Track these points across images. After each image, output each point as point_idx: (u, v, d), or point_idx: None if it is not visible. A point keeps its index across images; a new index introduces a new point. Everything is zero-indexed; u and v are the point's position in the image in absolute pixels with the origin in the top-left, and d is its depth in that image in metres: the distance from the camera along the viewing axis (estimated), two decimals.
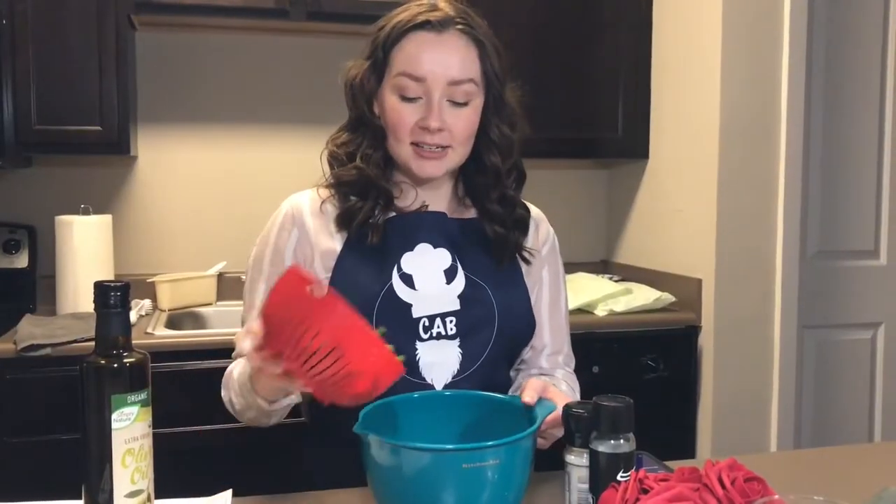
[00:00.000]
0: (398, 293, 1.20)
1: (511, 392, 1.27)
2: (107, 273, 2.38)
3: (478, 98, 1.22)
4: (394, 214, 1.24)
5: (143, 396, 0.92)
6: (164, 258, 2.70)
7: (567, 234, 2.29)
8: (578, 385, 1.36)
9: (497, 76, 1.23)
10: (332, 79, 1.31)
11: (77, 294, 2.33)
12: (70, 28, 2.29)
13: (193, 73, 2.70)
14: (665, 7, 2.68)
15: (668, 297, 2.54)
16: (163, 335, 2.19)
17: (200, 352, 2.12)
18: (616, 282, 2.72)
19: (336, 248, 1.22)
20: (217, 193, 2.74)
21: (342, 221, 1.23)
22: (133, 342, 0.93)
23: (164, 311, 2.48)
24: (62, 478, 1.23)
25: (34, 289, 2.54)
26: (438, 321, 1.20)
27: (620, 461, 0.93)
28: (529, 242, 1.31)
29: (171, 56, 2.67)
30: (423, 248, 1.23)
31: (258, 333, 0.91)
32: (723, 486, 0.86)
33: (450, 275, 1.23)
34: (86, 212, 2.40)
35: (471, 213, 1.30)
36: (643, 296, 2.53)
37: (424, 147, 1.19)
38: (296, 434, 1.38)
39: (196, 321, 2.55)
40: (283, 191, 1.34)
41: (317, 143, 1.32)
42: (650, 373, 2.45)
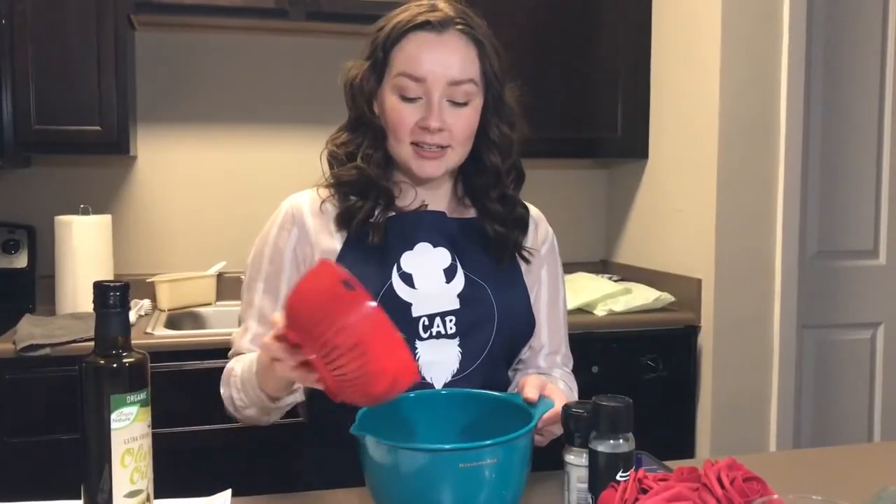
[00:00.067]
0: (398, 292, 1.20)
1: (509, 390, 1.27)
2: (106, 273, 2.38)
3: (477, 98, 1.22)
4: (393, 214, 1.24)
5: (143, 396, 0.92)
6: (164, 258, 2.70)
7: (566, 234, 2.30)
8: (576, 385, 1.36)
9: (496, 76, 1.23)
10: (332, 79, 1.31)
11: (76, 294, 2.33)
12: (69, 28, 2.29)
13: (193, 73, 2.70)
14: (664, 7, 2.68)
15: (668, 297, 2.54)
16: (162, 335, 2.19)
17: (200, 352, 2.12)
18: (615, 282, 2.72)
19: (336, 248, 1.23)
20: (216, 193, 2.74)
21: (342, 221, 1.23)
22: (132, 342, 0.93)
23: (164, 311, 2.48)
24: (62, 478, 1.23)
25: (33, 289, 2.54)
26: (438, 320, 1.20)
27: (620, 461, 0.93)
28: (529, 242, 1.31)
29: (171, 56, 2.67)
30: (423, 248, 1.23)
31: (279, 322, 0.90)
32: (722, 486, 0.86)
33: (449, 274, 1.23)
34: (85, 212, 2.39)
35: (470, 213, 1.30)
36: (642, 296, 2.53)
37: (424, 147, 1.19)
38: (295, 434, 1.39)
39: (195, 321, 2.55)
40: (283, 191, 1.34)
41: (316, 143, 1.32)
42: (649, 373, 2.45)
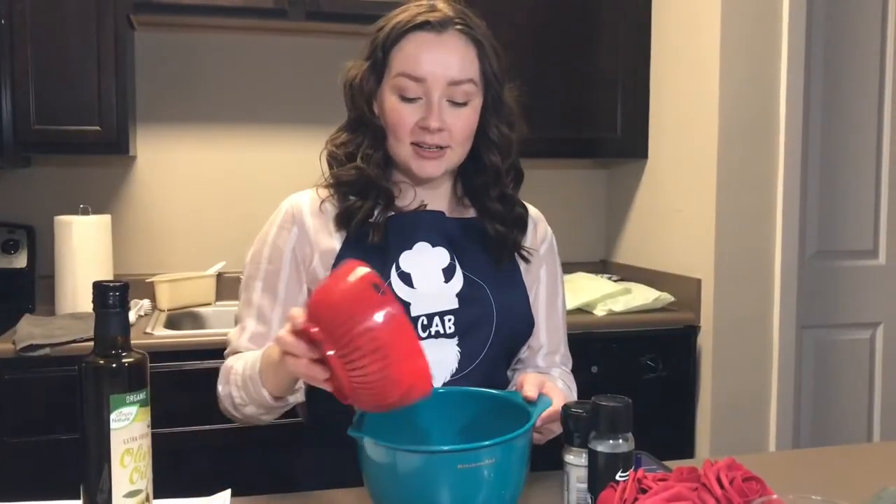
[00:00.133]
0: (396, 292, 1.20)
1: (508, 388, 1.27)
2: (106, 273, 2.38)
3: (477, 98, 1.22)
4: (392, 214, 1.24)
5: (142, 396, 0.92)
6: (164, 258, 2.70)
7: (566, 234, 2.30)
8: (575, 384, 1.36)
9: (496, 76, 1.23)
10: (332, 79, 1.31)
11: (76, 294, 2.33)
12: (69, 28, 2.29)
13: (192, 73, 2.70)
14: (664, 7, 2.68)
15: (667, 297, 2.54)
16: (162, 335, 2.19)
17: (199, 352, 2.12)
18: (615, 282, 2.72)
19: (335, 247, 1.23)
20: (216, 193, 2.74)
21: (341, 221, 1.23)
22: (132, 342, 0.93)
23: (163, 311, 2.48)
24: (61, 478, 1.23)
25: (33, 289, 2.54)
26: (437, 320, 1.20)
27: (619, 461, 0.93)
28: (528, 241, 1.32)
29: (170, 56, 2.67)
30: (422, 247, 1.23)
31: (299, 318, 0.90)
32: (721, 486, 0.86)
33: (448, 273, 1.23)
34: (85, 212, 2.39)
35: (469, 213, 1.30)
36: (642, 296, 2.53)
37: (424, 147, 1.19)
38: (294, 434, 1.39)
39: (195, 321, 2.55)
40: (283, 191, 1.34)
41: (316, 143, 1.32)
42: (649, 373, 2.45)
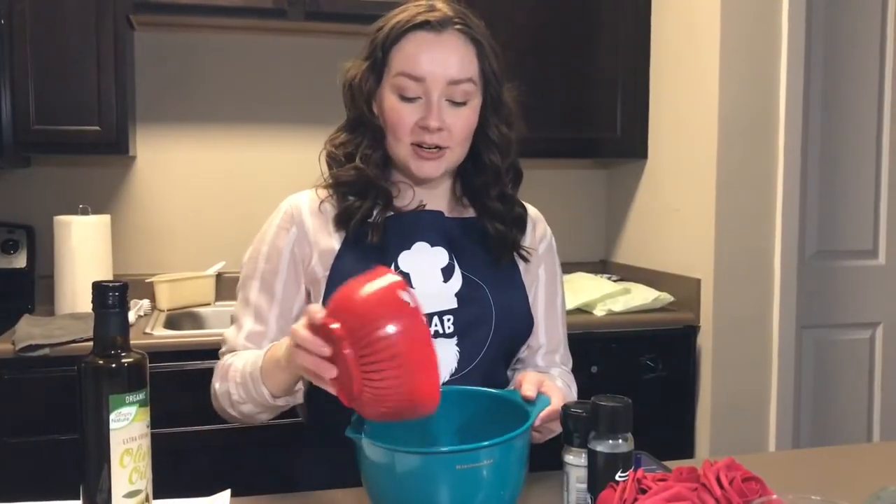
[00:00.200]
0: None
1: (508, 387, 1.27)
2: (105, 273, 2.38)
3: (476, 98, 1.22)
4: (391, 214, 1.24)
5: (142, 396, 0.92)
6: (163, 258, 2.70)
7: (566, 234, 2.30)
8: (575, 383, 1.36)
9: (495, 75, 1.23)
10: (331, 79, 1.31)
11: (75, 294, 2.33)
12: (68, 28, 2.29)
13: (192, 73, 2.69)
14: (664, 7, 2.68)
15: (667, 297, 2.54)
16: (161, 335, 2.19)
17: (199, 352, 2.12)
18: (615, 282, 2.72)
19: (335, 247, 1.23)
20: (216, 193, 2.74)
21: (340, 221, 1.23)
22: (131, 342, 0.93)
23: (163, 311, 2.48)
24: (61, 478, 1.23)
25: (33, 289, 2.54)
26: (436, 319, 1.20)
27: (619, 461, 0.93)
28: (527, 241, 1.32)
29: (170, 56, 2.67)
30: (421, 247, 1.23)
31: (318, 312, 0.90)
32: (721, 486, 0.86)
33: (447, 273, 1.23)
34: (84, 212, 2.39)
35: (469, 213, 1.30)
36: (642, 296, 2.53)
37: (424, 147, 1.19)
38: (294, 434, 1.39)
39: (195, 321, 2.55)
40: (282, 191, 1.34)
41: (316, 143, 1.32)
42: (649, 373, 2.45)
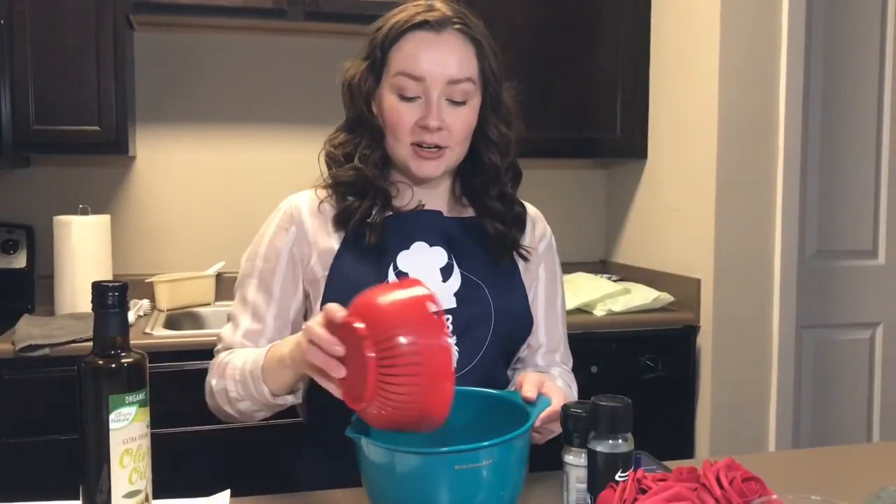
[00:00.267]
0: None
1: (508, 388, 1.27)
2: (105, 273, 2.38)
3: (475, 97, 1.22)
4: (390, 213, 1.24)
5: (142, 396, 0.92)
6: (163, 258, 2.70)
7: (565, 234, 2.30)
8: (576, 383, 1.36)
9: (494, 75, 1.23)
10: (331, 79, 1.31)
11: (75, 294, 2.33)
12: (68, 28, 2.29)
13: (192, 73, 2.69)
14: (664, 7, 2.68)
15: (667, 297, 2.54)
16: (161, 335, 2.19)
17: (199, 352, 2.11)
18: (615, 282, 2.72)
19: (334, 247, 1.23)
20: (215, 193, 2.74)
21: (340, 221, 1.23)
22: (131, 342, 0.93)
23: (163, 312, 2.48)
24: (60, 478, 1.23)
25: (32, 289, 2.53)
26: None
27: (619, 461, 0.93)
28: (527, 240, 1.32)
29: (170, 56, 2.67)
30: (419, 247, 1.23)
31: (339, 311, 0.90)
32: (721, 486, 0.86)
33: (446, 273, 1.23)
34: (84, 212, 2.39)
35: (468, 213, 1.30)
36: (642, 296, 2.53)
37: (423, 147, 1.19)
38: (293, 434, 1.39)
39: (194, 321, 2.55)
40: (282, 191, 1.34)
41: (315, 143, 1.32)
42: (649, 373, 2.45)
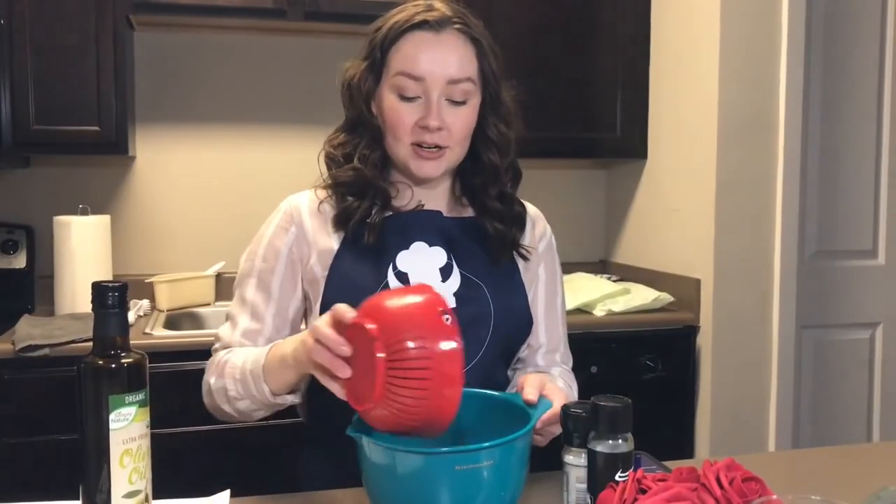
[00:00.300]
0: None
1: (508, 390, 1.27)
2: (105, 273, 2.38)
3: (475, 97, 1.22)
4: (390, 213, 1.24)
5: (141, 397, 0.92)
6: (163, 258, 2.70)
7: (565, 234, 2.30)
8: (576, 383, 1.36)
9: (494, 75, 1.23)
10: (331, 79, 1.31)
11: (75, 294, 2.33)
12: (68, 28, 2.29)
13: (192, 73, 2.69)
14: (664, 7, 2.68)
15: (667, 297, 2.54)
16: (161, 335, 2.19)
17: (199, 352, 2.10)
18: (614, 282, 2.72)
19: (333, 247, 1.23)
20: (215, 193, 2.74)
21: (339, 221, 1.23)
22: (131, 342, 0.93)
23: (163, 312, 2.48)
24: (60, 478, 1.23)
25: (32, 289, 2.54)
26: None
27: (619, 461, 0.92)
28: (527, 240, 1.32)
29: (170, 56, 2.67)
30: (419, 247, 1.23)
31: (348, 312, 0.91)
32: (721, 486, 0.86)
33: (445, 273, 1.23)
34: (84, 212, 2.39)
35: (468, 212, 1.30)
36: (641, 296, 2.53)
37: (423, 147, 1.19)
38: (294, 434, 1.39)
39: (194, 321, 2.55)
40: (282, 191, 1.34)
41: (315, 144, 1.32)
42: (648, 373, 2.45)
